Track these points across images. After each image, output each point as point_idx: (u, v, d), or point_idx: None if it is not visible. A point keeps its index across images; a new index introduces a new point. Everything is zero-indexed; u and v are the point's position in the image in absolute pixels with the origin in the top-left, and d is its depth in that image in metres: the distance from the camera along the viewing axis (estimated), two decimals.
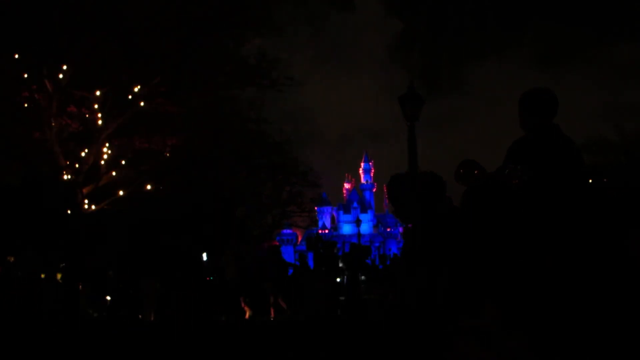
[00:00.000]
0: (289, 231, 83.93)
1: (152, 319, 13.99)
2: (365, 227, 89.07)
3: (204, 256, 22.18)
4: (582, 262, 3.51)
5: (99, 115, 17.35)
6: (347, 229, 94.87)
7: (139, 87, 17.51)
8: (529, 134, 3.79)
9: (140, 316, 14.45)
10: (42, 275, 13.64)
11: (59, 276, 14.72)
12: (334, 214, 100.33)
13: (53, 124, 16.91)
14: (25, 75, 16.27)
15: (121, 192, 18.22)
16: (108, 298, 15.30)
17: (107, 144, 17.97)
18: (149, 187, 18.85)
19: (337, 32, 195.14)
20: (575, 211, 3.52)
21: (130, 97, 17.51)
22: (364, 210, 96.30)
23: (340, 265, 13.29)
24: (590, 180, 4.32)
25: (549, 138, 3.65)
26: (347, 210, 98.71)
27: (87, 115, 17.61)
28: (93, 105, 17.32)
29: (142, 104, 17.67)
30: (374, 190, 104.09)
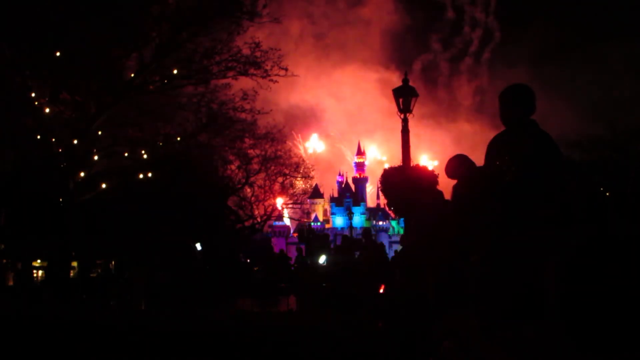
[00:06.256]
0: (281, 223, 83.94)
1: (142, 307, 13.97)
2: (358, 220, 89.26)
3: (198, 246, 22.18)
4: (576, 259, 3.52)
5: (92, 102, 17.22)
6: (339, 221, 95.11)
7: (132, 75, 17.39)
8: (508, 128, 3.83)
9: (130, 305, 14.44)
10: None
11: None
12: (327, 206, 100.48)
13: (46, 111, 16.77)
14: (19, 61, 16.11)
15: (114, 181, 18.14)
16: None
17: (99, 132, 17.85)
18: (141, 176, 18.77)
19: (342, 27, 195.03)
20: (559, 203, 3.55)
21: (123, 85, 17.38)
22: (356, 203, 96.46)
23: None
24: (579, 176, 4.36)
25: (528, 132, 3.68)
26: (339, 203, 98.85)
27: (80, 103, 17.47)
28: (86, 93, 17.19)
29: (135, 92, 17.56)
30: (367, 183, 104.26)
